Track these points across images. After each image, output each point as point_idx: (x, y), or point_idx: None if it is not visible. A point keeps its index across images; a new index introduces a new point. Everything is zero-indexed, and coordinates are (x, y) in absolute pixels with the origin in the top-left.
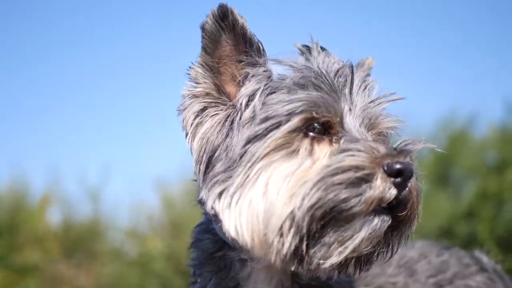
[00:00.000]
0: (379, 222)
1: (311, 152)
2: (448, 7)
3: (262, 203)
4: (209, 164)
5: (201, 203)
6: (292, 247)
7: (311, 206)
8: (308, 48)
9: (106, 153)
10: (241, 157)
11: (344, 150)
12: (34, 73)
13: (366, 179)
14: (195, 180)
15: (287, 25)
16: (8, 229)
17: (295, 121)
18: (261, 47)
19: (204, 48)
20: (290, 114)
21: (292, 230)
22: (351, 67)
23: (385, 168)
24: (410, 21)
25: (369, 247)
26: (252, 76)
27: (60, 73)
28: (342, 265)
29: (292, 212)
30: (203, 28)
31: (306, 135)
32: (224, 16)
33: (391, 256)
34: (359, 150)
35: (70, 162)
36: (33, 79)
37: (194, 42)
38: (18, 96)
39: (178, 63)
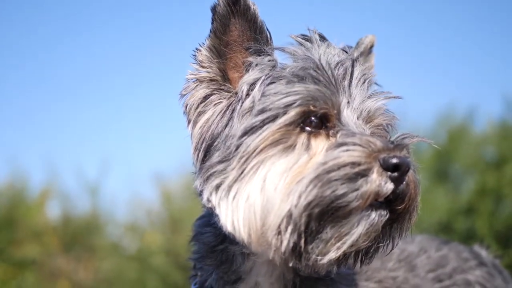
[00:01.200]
0: (377, 217)
1: (307, 147)
2: (447, 3)
3: (260, 200)
4: (207, 152)
5: (197, 193)
6: (291, 245)
7: (308, 204)
8: (307, 38)
9: (105, 148)
10: (237, 149)
11: (340, 145)
12: (33, 68)
13: (363, 174)
14: (195, 173)
15: (286, 18)
16: (7, 223)
17: (291, 114)
18: (269, 36)
19: (214, 31)
20: (287, 107)
21: (290, 228)
22: (353, 60)
23: (381, 162)
24: (409, 17)
25: (367, 242)
26: (256, 64)
27: (59, 68)
28: (340, 260)
29: (289, 210)
30: (214, 11)
31: (302, 130)
32: (236, 0)
33: (392, 248)
34: (355, 144)
35: (69, 157)
36: (32, 74)
37: (194, 38)
38: (16, 91)
39: (176, 59)
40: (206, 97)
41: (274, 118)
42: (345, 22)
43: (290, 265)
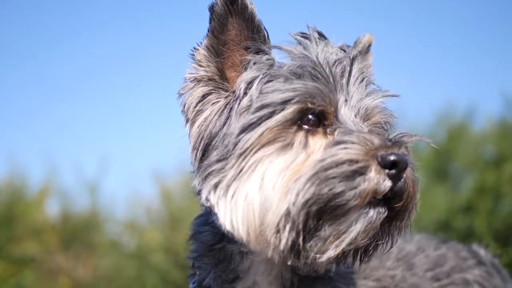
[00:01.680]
0: (375, 215)
1: (305, 145)
2: (446, 2)
3: (258, 198)
4: (205, 151)
5: (196, 192)
6: (289, 243)
7: (306, 202)
8: (306, 36)
9: (104, 145)
10: (234, 147)
11: (338, 143)
12: (32, 66)
13: (360, 172)
14: (193, 172)
15: (284, 17)
16: (6, 221)
17: (289, 111)
18: (266, 35)
19: (211, 31)
20: (285, 104)
21: (288, 226)
22: (351, 58)
23: (379, 159)
24: (407, 15)
25: (366, 240)
26: (254, 63)
27: (58, 66)
28: (339, 258)
29: (287, 208)
30: (212, 10)
31: (300, 127)
32: (234, 0)
33: (391, 246)
34: (353, 143)
35: (68, 154)
36: (31, 71)
37: (192, 38)
38: (16, 88)
39: (174, 57)
40: (204, 96)
41: (272, 114)
42: (342, 21)
43: (289, 263)
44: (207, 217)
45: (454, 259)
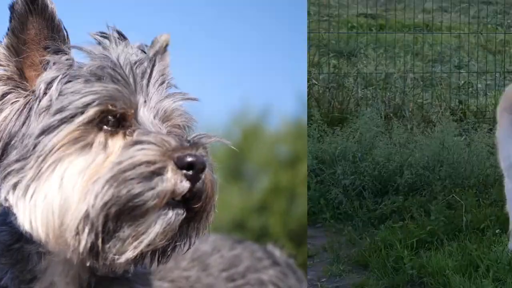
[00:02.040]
0: (174, 216)
1: (104, 146)
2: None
3: (57, 199)
4: (5, 151)
5: None
6: (88, 245)
7: (105, 204)
8: (105, 36)
9: None
10: (34, 148)
11: (136, 143)
12: None
13: (158, 173)
14: None
15: (87, 17)
16: None
17: (89, 114)
18: (66, 35)
19: (12, 30)
20: (85, 107)
21: (87, 228)
22: (151, 59)
23: (176, 160)
24: (201, 14)
25: (164, 241)
26: (54, 63)
27: None
28: (138, 259)
29: (86, 210)
30: (12, 9)
31: (100, 129)
32: None
33: (189, 247)
34: (149, 143)
35: None
36: None
37: None
38: None
39: None
40: (3, 96)
41: (72, 117)
42: (136, 20)
43: (88, 264)
44: (5, 217)
45: (249, 259)
